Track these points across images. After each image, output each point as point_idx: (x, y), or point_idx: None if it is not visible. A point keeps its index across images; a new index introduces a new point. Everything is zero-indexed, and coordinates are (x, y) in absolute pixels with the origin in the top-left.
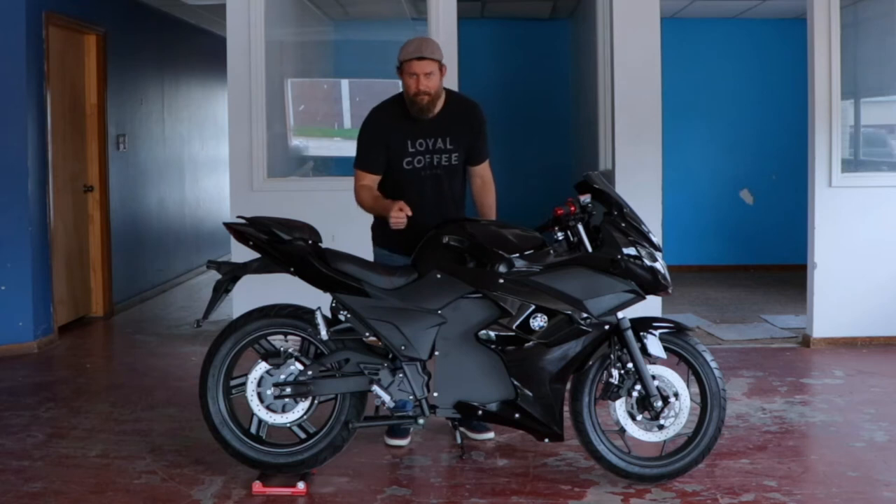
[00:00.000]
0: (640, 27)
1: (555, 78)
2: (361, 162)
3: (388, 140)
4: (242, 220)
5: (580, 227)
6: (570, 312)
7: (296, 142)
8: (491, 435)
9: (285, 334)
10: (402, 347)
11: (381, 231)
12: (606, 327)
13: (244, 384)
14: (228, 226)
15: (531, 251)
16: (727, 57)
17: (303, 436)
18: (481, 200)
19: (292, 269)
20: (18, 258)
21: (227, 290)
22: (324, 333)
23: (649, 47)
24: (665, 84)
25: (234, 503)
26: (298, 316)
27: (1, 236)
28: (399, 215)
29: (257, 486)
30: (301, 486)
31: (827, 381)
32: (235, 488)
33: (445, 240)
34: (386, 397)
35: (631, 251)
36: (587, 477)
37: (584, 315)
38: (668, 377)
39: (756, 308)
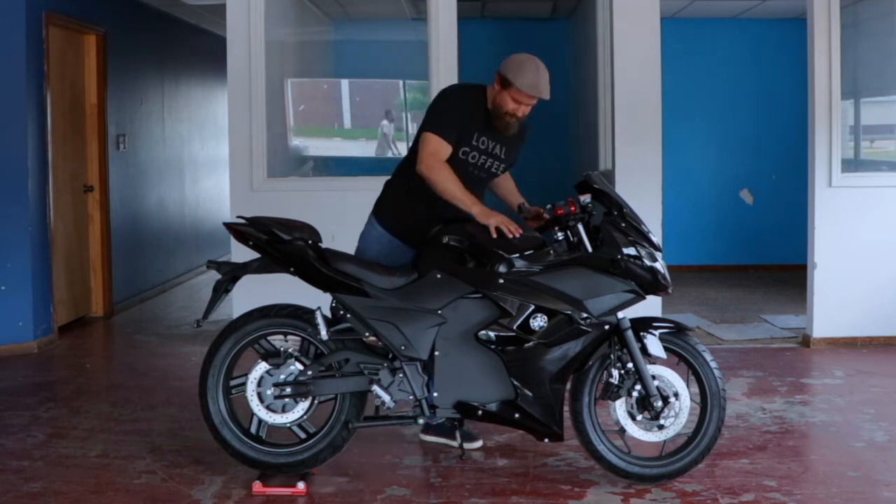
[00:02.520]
0: (640, 27)
1: (555, 78)
2: (441, 128)
3: (462, 122)
4: (242, 220)
5: (580, 226)
6: (570, 312)
7: (296, 142)
8: (479, 443)
9: (285, 334)
10: (402, 347)
11: (399, 213)
12: (606, 327)
13: (244, 384)
14: (228, 226)
15: (531, 251)
16: (727, 57)
17: (303, 436)
18: (505, 183)
19: (292, 269)
20: (18, 258)
21: (227, 290)
22: (324, 333)
23: (649, 47)
24: (665, 84)
25: (234, 503)
26: (298, 316)
27: (1, 236)
28: (514, 233)
29: (257, 486)
30: (301, 486)
31: (827, 381)
32: (235, 488)
33: (445, 240)
34: (386, 397)
35: (631, 251)
36: (587, 477)
37: (584, 315)
38: (668, 377)
39: (756, 308)
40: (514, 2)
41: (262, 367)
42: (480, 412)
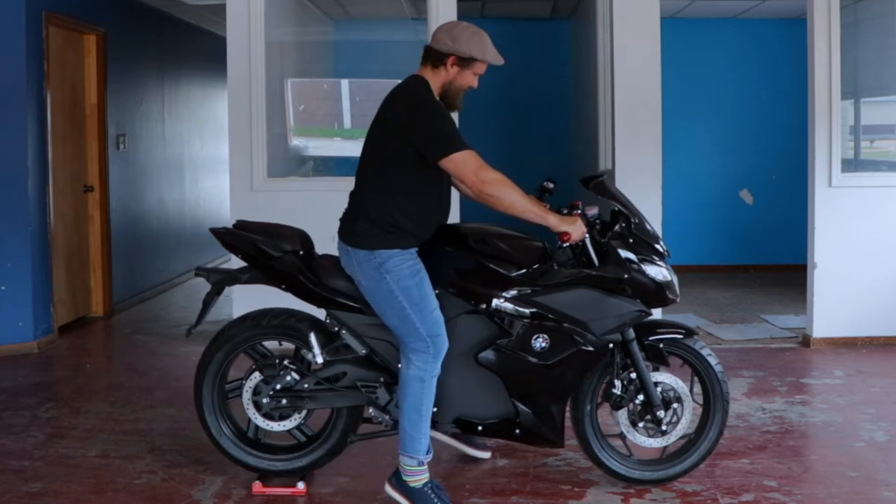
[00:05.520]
0: (640, 27)
1: (555, 78)
2: (464, 141)
3: None
4: (229, 231)
5: (587, 240)
6: (573, 334)
7: (296, 142)
8: (487, 454)
9: (279, 340)
10: (400, 366)
11: (417, 229)
12: (611, 346)
13: (240, 387)
14: (216, 235)
15: (535, 265)
16: (727, 57)
17: (302, 439)
18: None
19: (284, 287)
20: (18, 258)
21: (219, 293)
22: (319, 358)
23: (649, 47)
24: (665, 84)
25: (234, 503)
26: (291, 325)
27: (1, 236)
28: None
29: (257, 486)
30: (301, 486)
31: (827, 381)
32: (235, 488)
33: (445, 252)
34: (384, 417)
35: (638, 267)
36: (587, 477)
37: (589, 336)
38: (671, 383)
39: (756, 308)
40: (514, 2)
41: (258, 375)
42: (480, 427)
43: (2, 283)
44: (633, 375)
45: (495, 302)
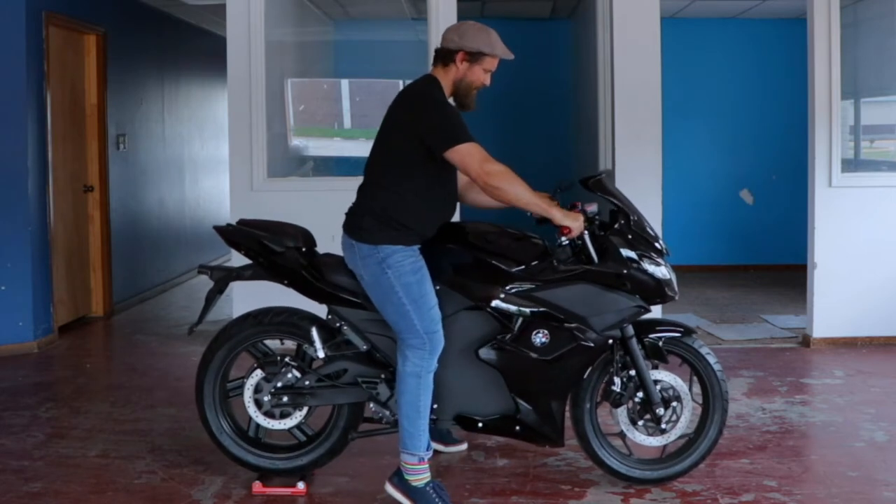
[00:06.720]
0: (639, 27)
1: (555, 78)
2: (469, 134)
3: None
4: (233, 227)
5: (586, 236)
6: (573, 330)
7: (296, 142)
8: (464, 446)
9: (281, 338)
10: None
11: (426, 224)
12: (610, 342)
13: (242, 386)
14: (220, 232)
15: (535, 262)
16: (727, 57)
17: (302, 438)
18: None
19: (286, 282)
20: (18, 258)
21: (221, 291)
22: (320, 352)
23: (649, 47)
24: (665, 84)
25: (234, 503)
26: (293, 323)
27: (1, 236)
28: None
29: (257, 486)
30: (301, 486)
31: (827, 381)
32: (235, 488)
33: (446, 249)
34: (385, 412)
35: (637, 264)
36: (587, 477)
37: (589, 332)
38: (670, 381)
39: (756, 308)
40: (514, 2)
41: (260, 373)
42: (481, 424)
43: (2, 283)
44: (633, 373)
45: (495, 298)
